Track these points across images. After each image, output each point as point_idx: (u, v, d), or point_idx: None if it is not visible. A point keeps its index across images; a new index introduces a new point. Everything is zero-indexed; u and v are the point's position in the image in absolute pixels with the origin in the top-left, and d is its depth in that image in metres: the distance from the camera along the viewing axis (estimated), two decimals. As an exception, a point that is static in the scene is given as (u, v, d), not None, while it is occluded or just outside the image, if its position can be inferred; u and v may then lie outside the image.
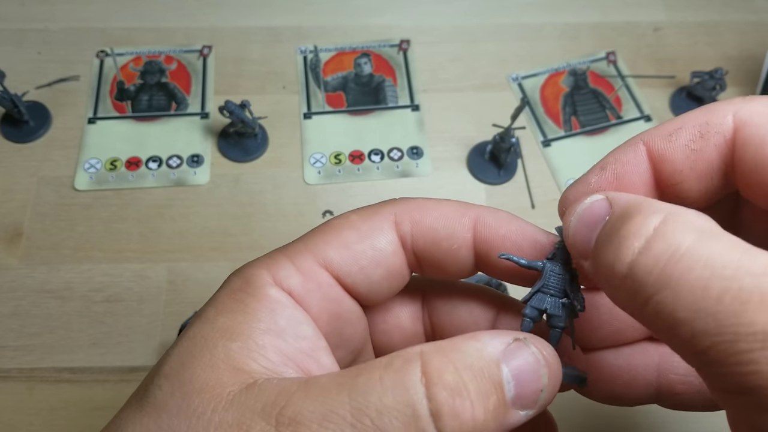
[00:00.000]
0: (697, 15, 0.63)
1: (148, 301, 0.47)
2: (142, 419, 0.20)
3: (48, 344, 0.45)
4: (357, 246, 0.23)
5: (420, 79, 0.59)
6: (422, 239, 0.24)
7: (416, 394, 0.18)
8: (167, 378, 0.20)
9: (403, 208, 0.24)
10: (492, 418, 0.18)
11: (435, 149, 0.55)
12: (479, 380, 0.18)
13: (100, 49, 0.59)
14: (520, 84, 0.59)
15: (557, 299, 0.23)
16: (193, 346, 0.21)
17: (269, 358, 0.20)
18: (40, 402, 0.43)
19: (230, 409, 0.19)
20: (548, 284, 0.23)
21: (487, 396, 0.18)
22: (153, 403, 0.20)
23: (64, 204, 0.51)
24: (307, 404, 0.18)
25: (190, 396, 0.19)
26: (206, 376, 0.20)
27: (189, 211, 0.51)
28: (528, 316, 0.23)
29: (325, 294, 0.23)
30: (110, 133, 0.55)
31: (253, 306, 0.21)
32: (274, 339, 0.21)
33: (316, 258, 0.23)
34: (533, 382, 0.19)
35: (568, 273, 0.23)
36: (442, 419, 0.18)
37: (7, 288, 0.47)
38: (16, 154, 0.54)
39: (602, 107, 0.57)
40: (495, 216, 0.24)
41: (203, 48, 0.60)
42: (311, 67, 0.58)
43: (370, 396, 0.18)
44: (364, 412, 0.18)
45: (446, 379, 0.18)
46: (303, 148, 0.55)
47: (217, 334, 0.21)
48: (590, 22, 0.63)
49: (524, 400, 0.19)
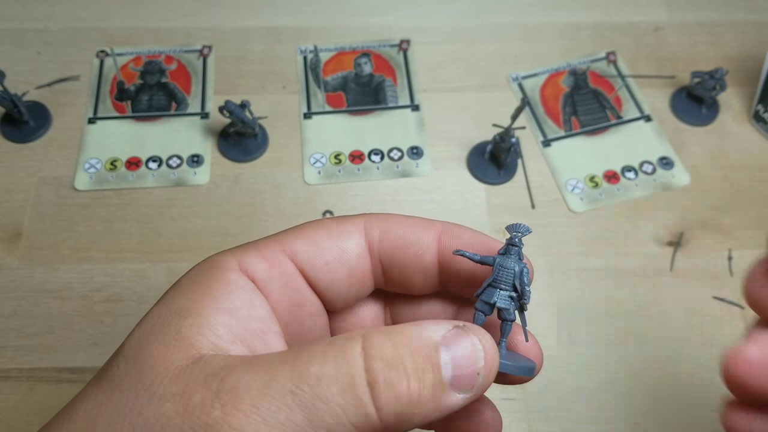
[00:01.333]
0: (698, 15, 0.63)
1: (149, 301, 0.47)
2: (97, 395, 0.20)
3: (48, 344, 0.45)
4: (324, 242, 0.25)
5: (420, 79, 0.59)
6: (389, 244, 0.25)
7: (355, 365, 0.19)
8: (125, 357, 0.21)
9: (374, 217, 0.26)
10: (429, 395, 0.19)
11: (435, 149, 0.55)
12: (416, 357, 0.19)
13: (100, 49, 0.59)
14: (520, 84, 0.59)
15: (506, 293, 0.24)
16: (150, 326, 0.22)
17: (218, 335, 0.21)
18: (40, 402, 0.43)
19: (175, 381, 0.19)
20: (498, 279, 0.24)
21: (424, 373, 0.19)
22: (110, 380, 0.21)
23: (64, 204, 0.51)
24: (249, 375, 0.19)
25: (142, 371, 0.20)
26: (157, 353, 0.20)
27: (189, 211, 0.51)
28: (479, 310, 0.24)
29: (287, 282, 0.24)
30: (110, 133, 0.55)
31: (212, 287, 0.22)
32: (226, 317, 0.22)
33: (283, 249, 0.24)
34: (470, 365, 0.20)
35: (517, 267, 0.24)
36: (377, 388, 0.19)
37: (7, 288, 0.48)
38: (16, 154, 0.54)
39: (602, 107, 0.57)
40: (460, 229, 0.26)
41: (203, 48, 0.60)
42: (311, 67, 0.58)
43: (311, 366, 0.19)
44: (304, 380, 0.18)
45: (384, 352, 0.19)
46: (303, 148, 0.55)
47: (173, 313, 0.22)
48: (590, 22, 0.62)
49: (461, 383, 0.20)
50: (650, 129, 0.56)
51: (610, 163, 0.54)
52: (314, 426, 0.18)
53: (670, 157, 0.54)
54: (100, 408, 0.20)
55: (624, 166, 0.54)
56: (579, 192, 0.53)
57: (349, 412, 0.18)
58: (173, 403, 0.19)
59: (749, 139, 0.56)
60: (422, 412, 0.19)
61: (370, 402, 0.19)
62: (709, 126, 0.57)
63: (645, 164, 0.54)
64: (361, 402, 0.19)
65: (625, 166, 0.54)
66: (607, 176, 0.54)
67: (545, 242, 0.50)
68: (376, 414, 0.19)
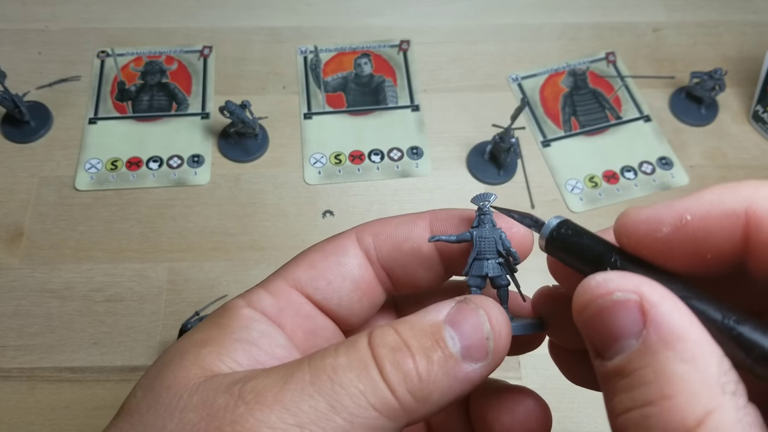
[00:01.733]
0: (697, 15, 0.63)
1: (149, 301, 0.47)
2: (118, 424, 0.21)
3: (49, 344, 0.46)
4: (321, 263, 0.25)
5: (420, 79, 0.59)
6: (384, 247, 0.25)
7: (365, 354, 0.20)
8: (142, 387, 0.21)
9: (364, 226, 0.26)
10: (440, 370, 0.19)
11: (435, 149, 0.55)
12: (420, 338, 0.20)
13: (101, 50, 0.59)
14: (520, 84, 0.59)
15: (494, 261, 0.24)
16: (167, 358, 0.22)
17: (237, 361, 0.21)
18: (41, 401, 0.44)
19: (195, 393, 0.20)
20: (482, 250, 0.24)
21: (430, 351, 0.20)
22: (128, 409, 0.21)
23: (64, 204, 0.51)
24: (269, 377, 0.20)
25: (159, 394, 0.20)
26: (174, 376, 0.21)
27: (189, 211, 0.52)
28: (472, 286, 0.24)
29: (297, 311, 0.24)
30: (111, 134, 0.55)
31: (228, 323, 0.23)
32: (246, 346, 0.22)
33: (285, 280, 0.24)
34: (477, 332, 0.20)
35: (495, 234, 0.24)
36: (386, 370, 0.19)
37: (8, 288, 0.48)
38: (17, 154, 0.54)
39: (602, 107, 0.57)
40: (447, 212, 0.25)
41: (204, 48, 0.60)
42: (311, 67, 0.59)
43: (325, 360, 0.20)
44: (322, 370, 0.19)
45: (387, 339, 0.20)
46: (303, 148, 0.55)
47: (191, 344, 0.22)
48: (590, 23, 0.63)
49: (473, 353, 0.20)
50: (649, 129, 0.56)
51: (609, 163, 0.54)
52: (336, 410, 0.19)
53: (669, 157, 0.55)
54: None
55: (623, 166, 0.54)
56: (579, 192, 0.53)
57: (368, 395, 0.19)
58: (196, 412, 0.19)
59: (748, 139, 0.56)
60: (439, 388, 0.19)
61: (383, 384, 0.19)
62: (708, 126, 0.57)
63: (644, 164, 0.54)
64: (376, 384, 0.19)
65: (625, 166, 0.54)
66: (607, 176, 0.54)
67: (545, 242, 0.50)
68: (391, 395, 0.19)
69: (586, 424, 0.44)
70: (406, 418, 0.19)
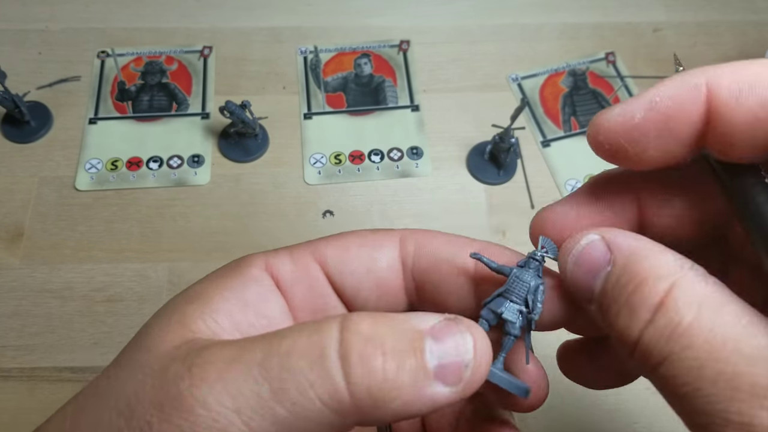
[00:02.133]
0: (697, 15, 0.63)
1: (149, 301, 0.47)
2: (98, 377, 0.21)
3: (49, 344, 0.46)
4: (354, 251, 0.24)
5: (420, 79, 0.59)
6: (424, 259, 0.24)
7: (329, 337, 0.18)
8: (133, 340, 0.22)
9: (411, 232, 0.25)
10: (409, 380, 0.18)
11: (435, 149, 0.55)
12: (397, 337, 0.18)
13: (101, 50, 0.59)
14: (520, 84, 0.59)
15: (516, 306, 0.22)
16: (162, 311, 0.22)
17: (218, 322, 0.21)
18: (41, 402, 0.44)
19: (160, 359, 0.20)
20: (510, 289, 0.22)
21: (404, 355, 0.18)
22: (116, 361, 0.21)
23: (65, 204, 0.51)
24: (223, 350, 0.19)
25: (139, 351, 0.21)
26: (155, 335, 0.21)
27: (190, 211, 0.52)
28: (483, 317, 0.22)
29: (312, 286, 0.24)
30: (111, 134, 0.55)
31: (229, 278, 0.23)
32: (232, 307, 0.22)
33: (313, 253, 0.24)
34: (456, 356, 0.19)
35: (533, 282, 0.22)
36: (350, 361, 0.18)
37: (8, 288, 0.48)
38: (17, 154, 0.54)
39: (602, 107, 0.57)
40: (499, 248, 0.24)
41: (204, 48, 0.60)
42: (311, 67, 0.59)
43: (284, 340, 0.18)
44: (274, 353, 0.18)
45: (362, 327, 0.18)
46: (303, 148, 0.55)
47: (183, 299, 0.22)
48: (590, 23, 0.63)
49: (447, 374, 0.19)
50: (649, 129, 0.56)
51: (609, 163, 0.54)
52: (278, 400, 0.17)
53: (669, 158, 0.55)
54: (98, 383, 0.21)
55: (623, 166, 0.54)
56: (578, 192, 0.53)
57: (317, 386, 0.18)
58: (152, 379, 0.19)
59: (748, 139, 0.56)
60: (401, 397, 0.18)
61: (340, 376, 0.18)
62: (708, 126, 0.57)
63: (644, 164, 0.54)
64: (329, 375, 0.18)
65: (625, 167, 0.54)
66: (607, 176, 0.54)
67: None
68: (346, 389, 0.18)
69: (586, 423, 0.44)
70: (356, 416, 0.18)
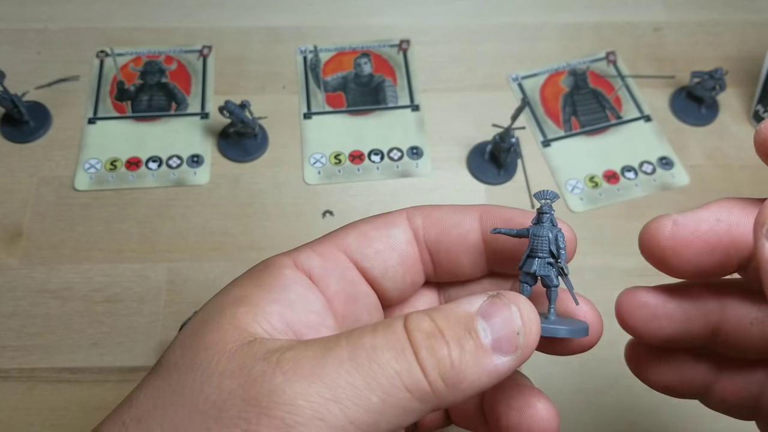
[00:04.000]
0: (697, 15, 0.63)
1: (148, 301, 0.47)
2: (155, 381, 0.21)
3: (48, 344, 0.46)
4: (373, 233, 0.26)
5: (420, 79, 0.59)
6: (434, 230, 0.26)
7: (402, 336, 0.20)
8: (180, 344, 0.22)
9: (414, 208, 0.27)
10: (472, 359, 0.20)
11: (435, 149, 0.55)
12: (454, 327, 0.21)
13: (100, 49, 0.59)
14: (520, 84, 0.59)
15: (544, 260, 0.24)
16: (206, 314, 0.23)
17: (272, 324, 0.22)
18: (40, 402, 0.43)
19: (233, 359, 0.20)
20: (535, 248, 0.24)
21: (463, 340, 0.20)
22: (165, 366, 0.21)
23: (64, 204, 0.51)
24: (307, 349, 0.20)
25: (197, 354, 0.21)
26: (212, 336, 0.21)
27: (189, 211, 0.51)
28: (523, 282, 0.25)
29: (342, 275, 0.25)
30: (110, 134, 0.55)
31: (268, 281, 0.23)
32: (282, 308, 0.23)
33: (335, 244, 0.25)
34: (508, 327, 0.21)
35: (551, 234, 0.24)
36: (421, 354, 0.20)
37: (7, 288, 0.48)
38: (16, 154, 0.54)
39: (602, 107, 0.57)
40: (499, 208, 0.26)
41: (203, 48, 0.60)
42: (311, 67, 0.58)
43: (364, 338, 0.20)
44: (360, 348, 0.20)
45: (422, 325, 0.20)
46: (303, 148, 0.55)
47: (229, 301, 0.23)
48: (590, 22, 0.63)
49: (503, 345, 0.21)
50: (650, 129, 0.56)
51: (609, 163, 0.54)
52: (371, 388, 0.19)
53: (669, 157, 0.55)
54: (158, 391, 0.21)
55: (624, 166, 0.54)
56: (579, 192, 0.53)
57: (403, 376, 0.20)
58: (233, 378, 0.20)
59: (749, 139, 0.56)
60: (470, 377, 0.20)
61: (417, 367, 0.20)
62: (708, 126, 0.57)
63: (645, 164, 0.54)
64: (411, 367, 0.20)
65: (625, 166, 0.54)
66: (607, 176, 0.54)
67: (545, 242, 0.50)
68: (424, 378, 0.20)
69: (586, 423, 0.44)
70: (435, 402, 0.20)
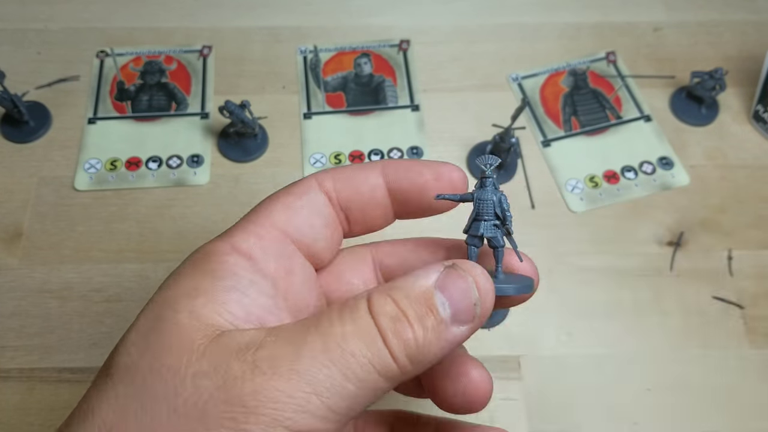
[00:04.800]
0: (697, 15, 0.63)
1: (148, 302, 0.47)
2: (115, 387, 0.20)
3: (48, 344, 0.45)
4: (297, 203, 0.26)
5: (420, 79, 0.59)
6: (345, 190, 0.27)
7: (368, 322, 0.21)
8: (134, 344, 0.21)
9: (322, 173, 0.28)
10: (433, 336, 0.21)
11: (435, 149, 0.55)
12: (415, 305, 0.21)
13: (100, 49, 0.59)
14: (520, 84, 0.59)
15: (490, 222, 0.25)
16: (157, 310, 0.22)
17: (233, 313, 0.22)
18: (40, 402, 0.43)
19: (203, 358, 0.20)
20: (480, 211, 0.25)
21: (424, 318, 0.21)
22: (123, 369, 0.20)
23: (64, 204, 0.51)
24: (280, 344, 0.20)
25: (161, 355, 0.20)
26: (173, 334, 0.21)
27: (189, 211, 0.51)
28: (470, 244, 0.26)
29: (280, 251, 0.25)
30: (110, 134, 0.55)
31: (214, 269, 0.23)
32: (237, 295, 0.22)
33: (265, 221, 0.26)
34: (466, 299, 0.22)
35: (495, 196, 0.25)
36: (388, 339, 0.21)
37: (6, 288, 0.48)
38: (16, 154, 0.54)
39: (602, 107, 0.57)
40: (397, 161, 0.28)
41: (203, 48, 0.60)
42: (311, 67, 0.58)
43: (333, 328, 0.21)
44: (332, 339, 0.20)
45: (386, 309, 0.21)
46: (303, 148, 0.55)
47: (180, 294, 0.22)
48: (590, 22, 0.63)
49: (461, 317, 0.22)
50: (650, 129, 0.56)
51: (609, 163, 0.54)
52: (348, 378, 0.20)
53: (669, 157, 0.55)
54: (124, 399, 0.20)
55: (624, 166, 0.54)
56: (579, 192, 0.53)
57: (375, 362, 0.20)
58: (209, 380, 0.19)
59: (749, 139, 0.56)
60: (432, 351, 0.21)
61: (386, 352, 0.21)
62: (708, 126, 0.57)
63: (645, 164, 0.54)
64: (381, 353, 0.21)
65: (625, 166, 0.54)
66: (607, 176, 0.54)
67: (545, 242, 0.50)
68: (393, 361, 0.21)
69: (586, 423, 0.44)
70: (401, 378, 0.21)
